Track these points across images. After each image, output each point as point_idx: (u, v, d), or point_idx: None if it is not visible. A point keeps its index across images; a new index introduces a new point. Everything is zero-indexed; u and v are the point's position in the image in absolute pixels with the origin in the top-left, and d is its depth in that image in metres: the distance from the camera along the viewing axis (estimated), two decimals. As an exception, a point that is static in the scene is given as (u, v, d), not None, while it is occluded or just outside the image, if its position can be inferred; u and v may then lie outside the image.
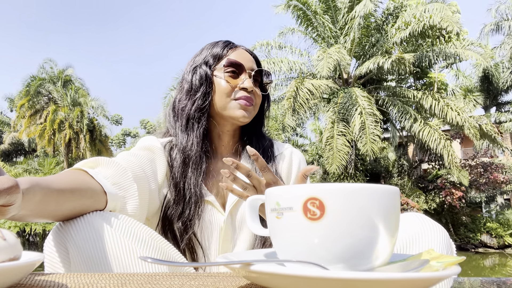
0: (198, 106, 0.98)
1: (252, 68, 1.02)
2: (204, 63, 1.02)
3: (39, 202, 0.55)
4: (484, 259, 12.30)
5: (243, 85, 0.98)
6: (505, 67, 18.74)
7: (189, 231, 0.91)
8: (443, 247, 0.67)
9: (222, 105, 0.99)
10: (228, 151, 1.06)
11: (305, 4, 12.95)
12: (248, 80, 0.99)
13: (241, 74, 1.00)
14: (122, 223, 0.66)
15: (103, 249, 0.62)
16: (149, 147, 0.95)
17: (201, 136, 0.97)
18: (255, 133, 1.09)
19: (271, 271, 0.35)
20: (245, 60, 1.02)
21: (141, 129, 49.05)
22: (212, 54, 1.03)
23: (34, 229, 15.87)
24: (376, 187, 0.40)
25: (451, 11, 11.79)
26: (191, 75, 1.02)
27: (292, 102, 11.34)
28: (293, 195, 0.41)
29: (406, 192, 13.19)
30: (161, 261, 0.41)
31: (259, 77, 1.04)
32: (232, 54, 1.02)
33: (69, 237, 0.62)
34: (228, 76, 0.99)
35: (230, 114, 0.98)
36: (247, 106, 0.98)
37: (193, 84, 1.00)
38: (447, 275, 0.35)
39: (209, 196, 0.96)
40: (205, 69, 1.01)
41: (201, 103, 0.98)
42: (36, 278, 0.46)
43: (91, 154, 19.08)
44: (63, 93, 18.57)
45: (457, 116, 11.65)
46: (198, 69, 1.01)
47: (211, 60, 1.02)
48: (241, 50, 1.05)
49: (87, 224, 0.63)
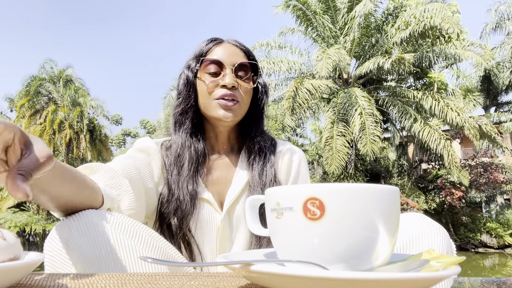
0: (182, 109, 1.00)
1: (234, 62, 0.97)
2: (186, 67, 1.02)
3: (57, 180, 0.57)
4: (484, 259, 12.30)
5: (223, 82, 0.95)
6: (505, 67, 18.73)
7: (184, 229, 0.91)
8: (443, 247, 0.67)
9: (205, 106, 0.98)
10: (226, 149, 1.05)
11: (305, 4, 12.94)
12: (229, 76, 0.95)
13: (222, 70, 0.97)
14: (122, 222, 0.66)
15: (104, 248, 0.62)
16: (143, 149, 0.97)
17: (185, 135, 0.99)
18: (253, 129, 1.06)
19: (271, 271, 0.35)
20: (226, 55, 0.98)
21: (141, 129, 49.04)
22: (194, 55, 1.02)
23: (34, 229, 15.86)
24: (376, 187, 0.40)
25: (451, 11, 11.78)
26: (178, 79, 1.03)
27: (291, 102, 11.33)
28: (293, 195, 0.41)
29: (406, 192, 13.19)
30: (161, 261, 0.41)
31: (245, 71, 0.99)
32: (215, 50, 0.99)
33: (69, 236, 0.62)
34: (209, 76, 0.97)
35: (212, 115, 0.97)
36: (228, 105, 0.95)
37: (179, 88, 1.02)
38: (447, 275, 0.35)
39: (205, 194, 0.96)
40: (186, 72, 1.01)
41: (183, 106, 0.99)
42: (36, 278, 0.46)
43: (92, 154, 19.07)
44: (63, 93, 18.57)
45: (457, 116, 11.64)
46: (182, 74, 1.02)
47: (194, 62, 1.01)
48: (225, 44, 1.01)
49: (87, 223, 0.63)
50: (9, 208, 17.31)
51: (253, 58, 1.03)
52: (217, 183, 1.00)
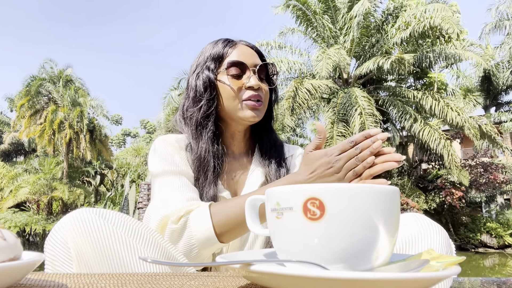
0: (204, 112, 0.98)
1: (255, 63, 0.99)
2: (206, 68, 1.00)
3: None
4: (484, 259, 12.30)
5: (249, 84, 0.96)
6: (505, 67, 18.73)
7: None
8: (443, 247, 0.67)
9: (231, 108, 0.98)
10: (240, 149, 1.06)
11: (305, 4, 12.94)
12: (253, 78, 0.97)
13: (245, 72, 0.98)
14: (123, 221, 0.66)
15: (104, 247, 0.62)
16: (175, 150, 0.97)
17: (210, 141, 0.97)
18: (265, 129, 1.08)
19: (271, 271, 0.35)
20: (246, 57, 0.99)
21: (141, 129, 49.02)
22: (212, 56, 1.01)
23: (34, 229, 15.86)
24: (376, 187, 0.40)
25: (452, 11, 11.78)
26: (195, 81, 1.01)
27: (291, 102, 11.34)
28: (293, 195, 0.41)
29: (406, 192, 13.18)
30: (161, 261, 0.41)
31: (264, 71, 1.01)
32: (233, 52, 1.00)
33: (69, 236, 0.62)
34: (232, 78, 0.98)
35: (240, 116, 0.97)
36: (256, 106, 0.97)
37: (198, 90, 1.00)
38: (447, 275, 0.35)
39: (223, 192, 0.96)
40: (207, 74, 0.99)
41: (206, 109, 0.98)
42: (36, 278, 0.46)
43: (91, 154, 19.06)
44: (63, 93, 18.56)
45: (457, 116, 11.64)
46: (201, 75, 1.00)
47: (213, 64, 1.00)
48: (241, 46, 1.02)
49: (87, 222, 0.63)
50: (9, 208, 17.31)
51: (264, 59, 1.05)
52: (232, 184, 1.01)
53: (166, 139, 0.99)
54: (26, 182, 17.45)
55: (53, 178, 17.95)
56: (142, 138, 44.68)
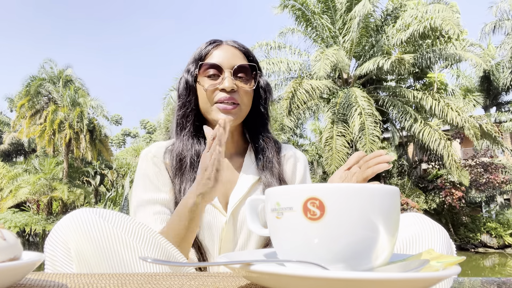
0: (183, 113, 1.01)
1: (233, 65, 0.96)
2: (187, 70, 1.02)
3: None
4: (484, 259, 12.30)
5: (222, 86, 0.95)
6: (505, 67, 18.72)
7: None
8: (443, 247, 0.67)
9: (205, 110, 0.99)
10: (231, 150, 1.06)
11: (304, 4, 12.93)
12: (228, 79, 0.94)
13: (221, 74, 0.96)
14: (123, 221, 0.66)
15: (104, 247, 0.62)
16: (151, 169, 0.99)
17: (188, 140, 0.99)
18: (257, 129, 1.06)
19: (271, 271, 0.35)
20: (225, 58, 0.97)
21: (141, 129, 49.04)
22: (195, 58, 1.01)
23: (34, 229, 15.86)
24: (376, 187, 0.40)
25: (452, 11, 11.79)
26: (178, 83, 1.04)
27: (288, 103, 11.34)
28: (293, 195, 0.41)
29: (406, 192, 13.18)
30: (161, 261, 0.41)
31: (244, 72, 0.98)
32: (214, 52, 0.99)
33: (69, 236, 0.62)
34: (208, 79, 0.97)
35: (213, 118, 0.97)
36: (228, 109, 0.95)
37: (179, 92, 1.02)
38: (447, 275, 0.35)
39: None
40: (186, 76, 1.01)
41: (184, 110, 1.00)
42: (36, 278, 0.46)
43: (92, 154, 19.05)
44: (63, 93, 18.56)
45: (457, 116, 11.65)
46: (182, 77, 1.02)
47: (193, 66, 1.01)
48: (224, 46, 1.00)
49: (87, 222, 0.63)
50: (9, 208, 17.30)
51: (253, 58, 1.03)
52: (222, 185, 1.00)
53: (146, 156, 1.00)
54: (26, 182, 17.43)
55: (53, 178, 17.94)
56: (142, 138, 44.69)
